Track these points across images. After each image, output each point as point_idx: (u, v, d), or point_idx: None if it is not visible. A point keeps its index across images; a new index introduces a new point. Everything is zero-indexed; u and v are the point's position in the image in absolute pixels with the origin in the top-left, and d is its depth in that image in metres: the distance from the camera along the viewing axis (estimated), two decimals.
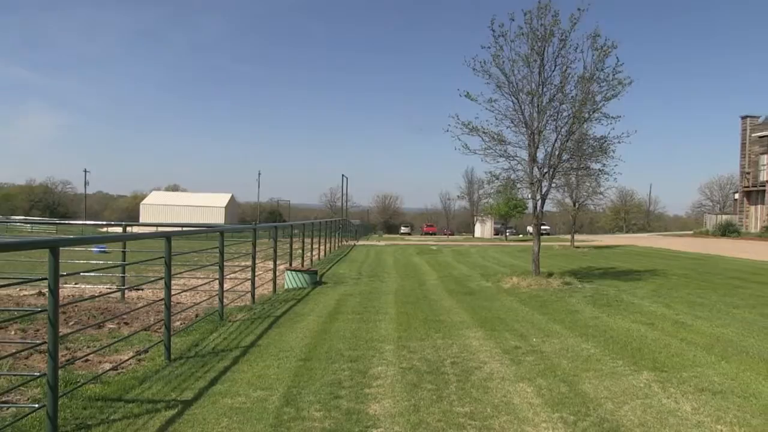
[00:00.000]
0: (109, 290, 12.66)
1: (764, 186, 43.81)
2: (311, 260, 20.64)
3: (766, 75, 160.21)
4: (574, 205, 33.56)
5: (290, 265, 16.28)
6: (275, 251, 14.32)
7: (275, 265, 14.13)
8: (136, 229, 25.35)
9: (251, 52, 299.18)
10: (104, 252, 22.23)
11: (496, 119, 15.11)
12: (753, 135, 47.75)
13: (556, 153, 15.26)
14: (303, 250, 18.95)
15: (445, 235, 76.27)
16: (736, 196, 53.84)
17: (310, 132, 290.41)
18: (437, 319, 10.24)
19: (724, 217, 54.09)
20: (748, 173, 49.60)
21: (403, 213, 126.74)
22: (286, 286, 14.52)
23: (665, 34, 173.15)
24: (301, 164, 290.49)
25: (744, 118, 50.69)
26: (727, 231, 44.74)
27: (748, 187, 49.31)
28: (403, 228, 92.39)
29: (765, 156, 45.26)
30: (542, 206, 15.96)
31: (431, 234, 79.08)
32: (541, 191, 15.53)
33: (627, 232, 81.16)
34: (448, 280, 16.44)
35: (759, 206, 47.08)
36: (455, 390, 6.10)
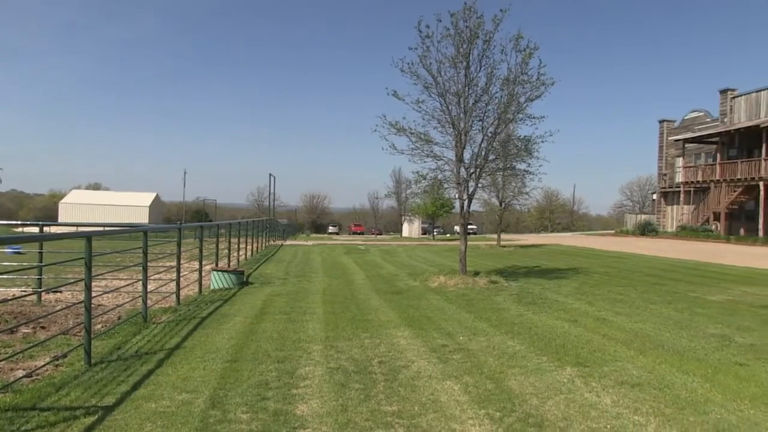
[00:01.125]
0: (24, 293, 12.15)
1: (680, 187, 45.58)
2: (238, 260, 20.34)
3: (683, 83, 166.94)
4: (501, 205, 34.11)
5: (216, 265, 16.01)
6: (201, 251, 14.05)
7: (201, 265, 13.86)
8: (54, 229, 24.47)
9: (179, 49, 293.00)
10: (19, 253, 21.39)
11: (424, 120, 15.24)
12: (670, 138, 49.62)
13: (483, 153, 15.48)
14: (229, 250, 18.66)
15: (373, 234, 76.42)
16: (654, 196, 55.83)
17: (236, 130, 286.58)
18: (365, 318, 10.24)
19: (643, 216, 56.00)
20: (665, 175, 51.56)
21: (331, 212, 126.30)
22: (212, 287, 14.26)
23: (592, 40, 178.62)
24: (228, 163, 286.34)
25: (662, 122, 52.63)
26: (645, 230, 46.33)
27: (665, 188, 51.25)
28: (331, 227, 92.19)
29: (680, 159, 47.09)
30: (469, 206, 16.18)
31: (359, 233, 79.11)
32: (467, 191, 15.74)
33: (552, 232, 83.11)
34: (376, 280, 16.47)
35: (675, 206, 48.98)
36: (383, 389, 6.10)
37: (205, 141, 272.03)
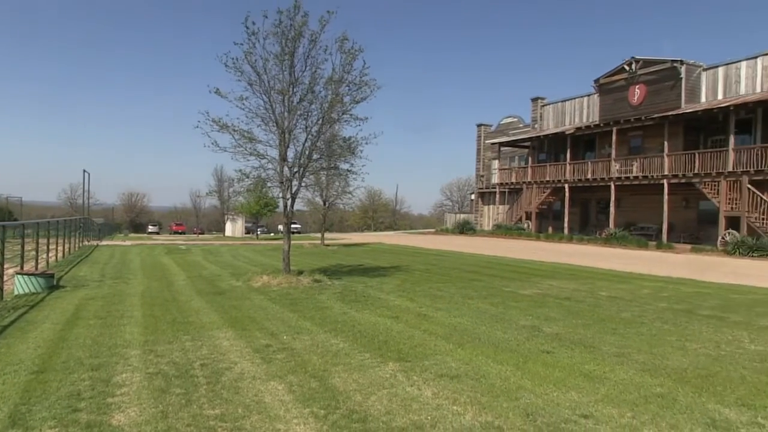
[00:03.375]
0: None
1: (495, 188, 48.26)
2: (47, 262, 18.93)
3: (501, 90, 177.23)
4: (325, 204, 34.34)
5: (21, 268, 14.76)
6: (2, 254, 12.89)
7: (2, 269, 12.71)
8: None
9: None
10: None
11: (247, 117, 14.99)
12: (486, 141, 52.45)
13: (306, 152, 15.49)
14: (37, 252, 17.30)
15: (195, 234, 74.13)
16: (472, 196, 58.78)
17: (46, 125, 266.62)
18: (186, 320, 9.90)
19: (462, 215, 58.75)
20: (483, 176, 54.47)
21: (150, 211, 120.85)
22: (15, 292, 13.15)
23: (420, 45, 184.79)
24: (36, 159, 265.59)
25: (479, 126, 55.51)
26: (464, 229, 48.56)
27: (482, 188, 54.13)
28: (150, 227, 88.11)
29: (496, 161, 49.91)
30: (292, 205, 16.14)
31: (181, 233, 76.34)
32: (291, 190, 15.68)
33: (375, 231, 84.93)
34: (198, 281, 15.99)
35: (491, 206, 51.85)
36: (205, 392, 5.92)
37: (7, 134, 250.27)
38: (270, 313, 10.78)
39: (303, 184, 16.35)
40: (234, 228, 63.38)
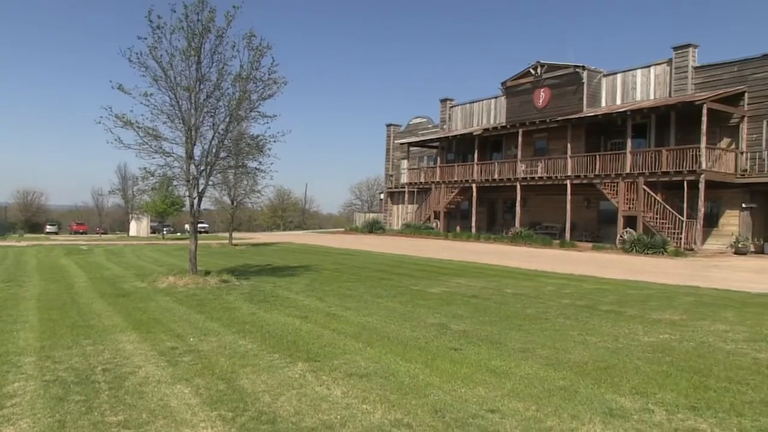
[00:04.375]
0: None
1: (404, 188, 48.72)
2: None
3: (409, 91, 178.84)
4: (233, 203, 33.86)
5: None
6: None
7: None
8: None
9: None
10: None
11: (152, 114, 14.54)
12: (396, 141, 52.88)
13: (214, 151, 15.19)
14: None
15: (98, 233, 71.46)
16: (382, 196, 59.16)
17: None
18: (87, 324, 9.51)
19: (372, 215, 59.05)
20: (392, 176, 54.89)
21: (49, 210, 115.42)
22: None
23: (330, 43, 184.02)
24: None
25: (389, 126, 55.94)
26: (373, 228, 48.75)
27: (391, 188, 54.54)
28: (48, 227, 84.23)
29: (405, 161, 50.40)
30: (199, 204, 15.78)
31: (82, 233, 73.38)
32: (198, 189, 15.33)
33: (284, 230, 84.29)
34: (100, 282, 15.41)
35: (400, 205, 52.32)
36: (107, 398, 5.70)
37: None
38: (176, 314, 10.51)
39: (210, 182, 16.02)
40: (139, 228, 61.60)
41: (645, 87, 33.87)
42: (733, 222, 29.67)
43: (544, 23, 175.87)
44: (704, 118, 27.67)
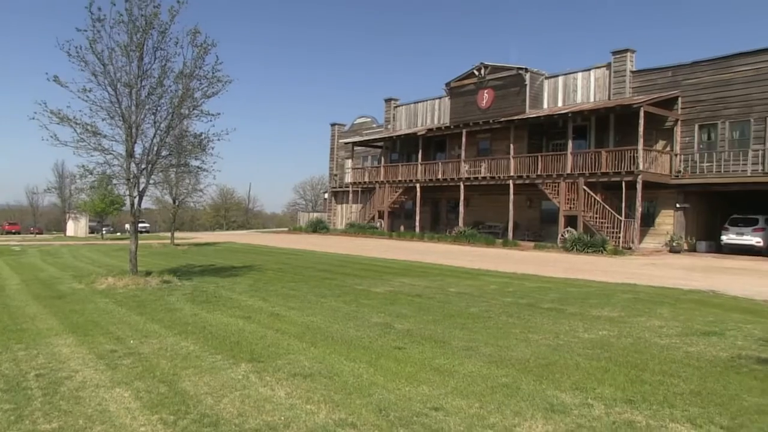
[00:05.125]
0: None
1: (349, 187, 48.65)
2: None
3: (353, 91, 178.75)
4: (174, 203, 33.33)
5: None
6: None
7: None
8: None
9: None
10: None
11: (92, 110, 14.16)
12: (340, 141, 52.80)
13: (155, 149, 14.91)
14: None
15: (33, 233, 69.36)
16: (326, 195, 58.97)
17: None
18: (20, 328, 9.21)
19: (316, 214, 58.83)
20: (336, 175, 54.76)
21: None
22: None
23: (277, 41, 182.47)
24: None
25: (333, 125, 55.81)
26: (318, 227, 48.55)
27: (335, 187, 54.41)
28: None
29: (349, 160, 50.34)
30: (140, 203, 15.46)
31: (15, 233, 71.06)
32: (138, 188, 15.01)
33: (228, 230, 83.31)
34: (35, 284, 14.96)
35: (345, 205, 52.25)
36: (41, 405, 5.52)
37: None
38: (115, 316, 10.27)
39: (151, 181, 15.72)
40: (77, 227, 60.01)
41: (585, 90, 34.61)
42: (668, 221, 30.59)
43: (488, 23, 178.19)
44: (641, 121, 28.44)
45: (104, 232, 56.75)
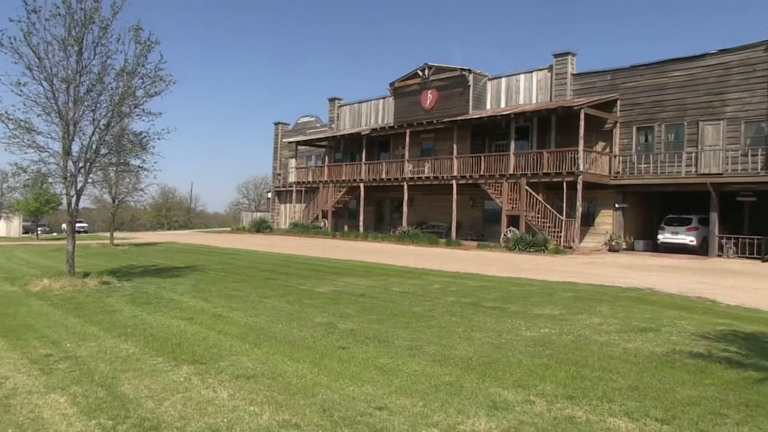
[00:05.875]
0: None
1: (292, 187, 48.35)
2: None
3: (297, 90, 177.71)
4: (114, 202, 32.61)
5: None
6: None
7: None
8: None
9: None
10: None
11: (26, 105, 13.71)
12: (284, 140, 52.40)
13: (94, 147, 14.53)
14: None
15: None
16: (269, 195, 58.45)
17: None
18: None
19: (259, 214, 58.24)
20: (280, 175, 54.34)
21: None
22: None
23: (221, 40, 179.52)
24: None
25: (277, 124, 55.35)
26: (261, 227, 48.07)
27: (279, 187, 53.98)
28: None
29: (293, 160, 50.03)
30: (77, 202, 15.06)
31: None
32: (76, 187, 14.62)
33: (169, 229, 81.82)
34: None
35: (288, 205, 51.91)
36: None
37: None
38: (51, 319, 9.99)
39: (89, 180, 15.34)
40: (9, 227, 58.07)
41: (528, 91, 35.16)
42: (607, 221, 31.32)
43: (433, 24, 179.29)
44: (582, 123, 29.04)
45: (39, 232, 55.03)
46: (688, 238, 28.35)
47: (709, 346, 8.20)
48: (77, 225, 15.52)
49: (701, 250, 27.96)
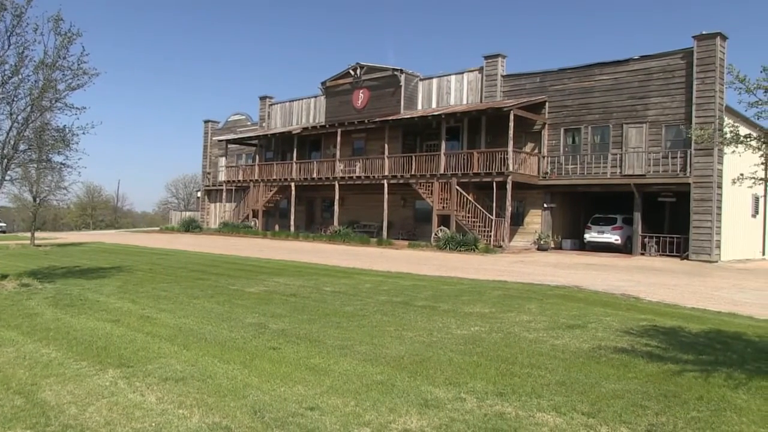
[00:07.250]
0: None
1: (222, 186, 47.66)
2: None
3: (227, 87, 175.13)
4: (35, 201, 31.50)
5: None
6: None
7: None
8: None
9: None
10: None
11: None
12: (214, 138, 51.59)
13: (12, 142, 13.97)
14: None
15: None
16: (199, 194, 57.47)
17: None
18: None
19: (188, 213, 57.18)
20: (209, 173, 53.46)
21: None
22: None
23: (148, 37, 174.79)
24: None
25: (206, 122, 54.47)
26: (190, 227, 47.24)
27: (209, 186, 53.10)
28: None
29: (223, 158, 49.32)
30: None
31: None
32: None
33: (95, 229, 79.41)
34: None
35: (218, 204, 51.12)
36: None
37: None
38: None
39: (8, 177, 14.75)
40: None
41: (459, 92, 35.59)
42: (536, 221, 32.00)
43: (365, 23, 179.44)
44: (511, 124, 29.56)
45: None
46: (613, 237, 29.24)
47: (632, 341, 8.49)
48: None
49: (625, 248, 28.88)
